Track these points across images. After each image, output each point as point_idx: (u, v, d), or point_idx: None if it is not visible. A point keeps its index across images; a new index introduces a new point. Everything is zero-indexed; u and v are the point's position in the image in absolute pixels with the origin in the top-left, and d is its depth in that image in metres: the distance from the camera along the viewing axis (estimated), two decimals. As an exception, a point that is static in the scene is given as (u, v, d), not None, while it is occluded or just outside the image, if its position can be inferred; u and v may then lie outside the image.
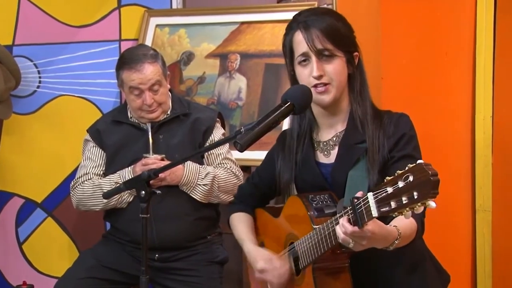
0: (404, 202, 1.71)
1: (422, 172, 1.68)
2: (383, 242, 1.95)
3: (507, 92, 3.19)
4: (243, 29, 4.22)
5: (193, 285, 3.37)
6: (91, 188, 3.43)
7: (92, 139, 3.53)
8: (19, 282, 3.83)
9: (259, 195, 2.50)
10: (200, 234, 3.48)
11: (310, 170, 2.30)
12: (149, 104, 3.36)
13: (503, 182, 3.22)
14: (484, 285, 3.27)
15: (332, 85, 2.22)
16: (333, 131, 2.31)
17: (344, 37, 2.24)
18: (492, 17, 3.22)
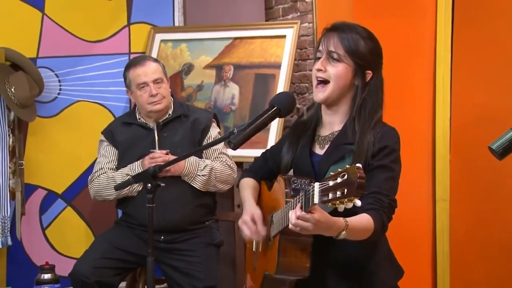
0: (338, 196, 1.74)
1: (353, 173, 1.72)
2: (328, 231, 1.94)
3: (463, 99, 3.19)
4: (236, 44, 4.24)
5: (193, 263, 3.40)
6: (105, 181, 3.49)
7: (106, 139, 3.59)
8: (42, 262, 3.82)
9: (267, 169, 2.47)
10: (200, 219, 3.51)
11: (303, 157, 2.28)
12: (154, 94, 3.45)
13: (459, 176, 3.21)
14: (443, 266, 3.25)
15: (329, 85, 2.19)
16: (331, 129, 2.28)
17: (360, 53, 2.19)
18: (450, 32, 3.21)
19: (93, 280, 3.32)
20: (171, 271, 3.41)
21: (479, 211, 3.10)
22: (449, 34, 3.20)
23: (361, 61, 2.20)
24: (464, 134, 3.17)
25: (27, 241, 4.13)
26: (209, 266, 3.42)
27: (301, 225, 1.91)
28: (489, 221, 3.04)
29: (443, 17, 3.21)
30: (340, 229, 1.95)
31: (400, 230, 2.45)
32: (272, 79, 4.04)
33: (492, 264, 2.98)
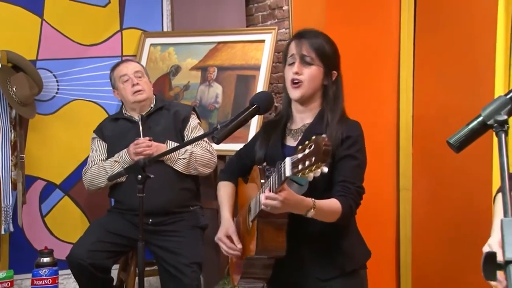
0: (307, 165, 1.75)
1: (319, 143, 1.74)
2: (296, 208, 1.99)
3: (424, 97, 3.21)
4: (219, 48, 4.24)
5: (179, 243, 3.41)
6: (96, 170, 3.54)
7: (97, 136, 3.64)
8: (41, 247, 3.82)
9: (242, 166, 2.46)
10: (184, 203, 3.52)
11: (276, 150, 2.28)
12: (135, 83, 3.50)
13: (420, 167, 3.24)
14: (405, 248, 3.28)
15: (303, 84, 2.22)
16: (302, 122, 2.30)
17: (326, 55, 2.24)
18: (412, 37, 3.23)
19: (88, 263, 3.32)
20: (160, 250, 3.41)
21: (437, 199, 3.13)
22: (411, 39, 3.23)
23: (329, 62, 2.25)
24: (425, 130, 3.20)
25: (28, 228, 4.11)
26: (194, 245, 3.43)
27: (270, 204, 1.94)
28: (446, 207, 3.08)
29: (406, 24, 3.24)
30: (308, 207, 1.99)
31: (367, 216, 2.47)
32: (252, 80, 4.04)
33: (449, 246, 3.02)
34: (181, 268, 3.32)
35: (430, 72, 3.16)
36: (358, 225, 2.35)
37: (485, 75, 2.65)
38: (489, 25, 2.61)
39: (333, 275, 2.23)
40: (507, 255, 1.06)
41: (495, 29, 2.57)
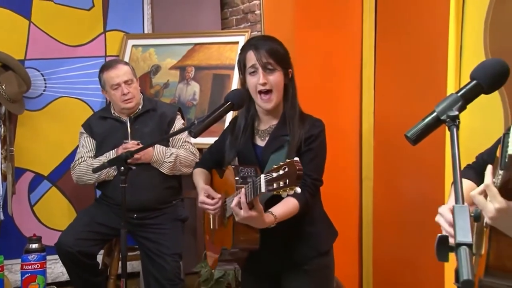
0: (281, 185, 1.80)
1: (292, 167, 1.78)
2: (260, 224, 2.05)
3: (384, 95, 3.23)
4: (197, 49, 4.22)
5: (162, 234, 3.40)
6: (85, 168, 3.48)
7: (85, 131, 3.57)
8: (30, 234, 3.78)
9: (214, 160, 2.47)
10: (167, 199, 3.51)
11: (247, 149, 2.29)
12: (126, 93, 3.42)
13: (380, 159, 3.26)
14: (367, 232, 3.30)
15: (273, 93, 2.20)
16: (269, 124, 2.29)
17: (282, 57, 2.23)
18: (373, 41, 3.25)
19: (76, 250, 3.31)
20: (144, 241, 3.41)
21: (396, 188, 3.16)
22: (372, 42, 3.25)
23: (285, 63, 2.24)
24: (385, 125, 3.22)
25: (17, 216, 4.10)
26: (176, 237, 3.43)
27: (237, 211, 1.99)
28: (404, 196, 3.10)
29: (368, 29, 3.25)
30: (270, 223, 2.05)
31: (334, 203, 2.49)
32: (227, 79, 4.04)
33: (406, 230, 3.04)
34: (163, 255, 3.33)
35: (389, 72, 3.18)
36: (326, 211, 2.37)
37: (438, 75, 2.67)
38: (442, 31, 2.64)
39: (311, 256, 2.26)
40: (458, 238, 1.08)
41: (447, 34, 2.60)
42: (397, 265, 3.11)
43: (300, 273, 2.25)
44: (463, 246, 1.07)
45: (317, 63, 3.24)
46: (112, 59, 3.65)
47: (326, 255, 2.30)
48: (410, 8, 2.98)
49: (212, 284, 3.64)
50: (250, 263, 2.28)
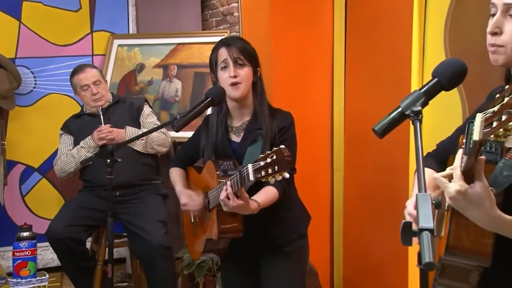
0: (269, 172, 1.82)
1: (281, 154, 1.80)
2: (246, 211, 2.06)
3: (353, 92, 3.25)
4: (179, 48, 4.21)
5: (143, 207, 3.40)
6: (66, 158, 3.52)
7: (64, 131, 3.60)
8: (21, 223, 3.71)
9: (188, 157, 2.47)
10: (146, 176, 3.52)
11: (224, 145, 2.28)
12: (95, 93, 3.47)
13: (350, 152, 3.28)
14: (338, 220, 3.32)
15: (242, 84, 2.21)
16: (242, 120, 2.29)
17: (251, 55, 2.25)
18: (343, 40, 3.26)
19: (65, 236, 3.27)
20: (127, 216, 3.38)
21: (365, 178, 3.18)
22: (342, 41, 3.26)
23: (254, 61, 2.26)
24: (354, 119, 3.24)
25: (9, 206, 4.09)
26: (157, 207, 3.42)
27: (226, 202, 2.00)
28: (372, 185, 3.12)
29: (338, 29, 3.26)
30: (254, 210, 2.06)
31: (307, 193, 2.50)
32: (208, 76, 4.01)
33: (373, 217, 3.07)
34: (147, 227, 3.28)
35: (358, 70, 3.20)
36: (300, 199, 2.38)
37: (403, 73, 2.69)
38: (406, 33, 2.66)
39: (291, 238, 2.28)
40: (421, 224, 1.09)
41: (411, 36, 2.62)
42: (366, 249, 3.13)
43: (279, 255, 2.26)
44: (425, 231, 1.08)
45: (292, 62, 3.25)
46: (80, 64, 3.65)
47: (304, 237, 2.33)
48: (377, 11, 3.00)
49: (194, 268, 3.63)
50: (231, 251, 2.29)
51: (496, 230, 1.22)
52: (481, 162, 1.17)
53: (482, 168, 1.17)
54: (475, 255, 1.28)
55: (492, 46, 1.35)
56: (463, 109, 2.40)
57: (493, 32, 1.34)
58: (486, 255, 1.27)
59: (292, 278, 2.29)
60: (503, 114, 1.05)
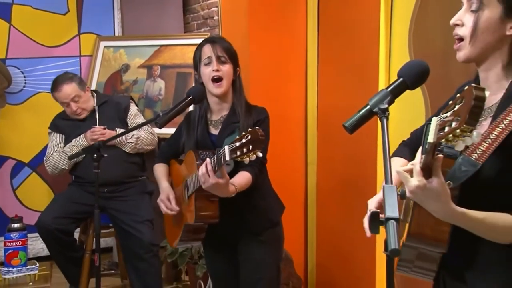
0: (244, 152, 1.80)
1: (255, 134, 1.80)
2: (225, 193, 2.04)
3: (326, 91, 3.25)
4: (162, 50, 4.18)
5: (132, 206, 3.36)
6: (58, 155, 3.42)
7: (52, 130, 3.51)
8: (13, 215, 3.72)
9: (173, 151, 2.45)
10: (133, 174, 3.47)
11: (204, 138, 2.27)
12: (74, 110, 3.38)
13: (323, 146, 3.28)
14: (312, 210, 3.33)
15: (224, 80, 2.20)
16: (220, 114, 2.28)
17: (233, 55, 2.25)
18: (316, 43, 3.26)
19: (54, 228, 3.23)
20: (115, 212, 3.35)
21: (336, 171, 3.19)
22: (315, 43, 3.26)
23: (235, 61, 2.26)
24: (326, 116, 3.25)
25: (1, 199, 4.07)
26: (144, 206, 3.39)
27: (204, 177, 1.97)
28: (342, 178, 3.14)
29: (311, 33, 3.26)
30: (232, 193, 2.05)
31: (282, 184, 2.50)
32: (189, 76, 4.01)
33: (344, 207, 3.08)
34: (137, 225, 3.27)
35: (330, 69, 3.20)
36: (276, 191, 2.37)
37: (371, 73, 2.71)
38: (374, 36, 2.67)
39: (265, 226, 2.27)
40: (387, 213, 1.09)
41: (379, 38, 2.64)
42: (337, 237, 3.15)
43: (255, 243, 2.26)
44: (391, 220, 1.08)
45: (268, 62, 3.24)
46: (58, 78, 3.41)
47: (277, 225, 2.32)
48: (347, 15, 3.01)
49: (177, 256, 3.61)
50: (210, 237, 2.28)
51: (449, 221, 1.24)
52: (438, 160, 1.18)
53: (439, 165, 1.18)
54: (433, 241, 1.30)
55: (456, 43, 1.36)
56: (426, 107, 2.42)
57: (454, 23, 1.36)
58: (443, 242, 1.29)
59: (267, 265, 2.28)
60: (453, 121, 1.07)
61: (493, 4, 1.29)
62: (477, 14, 1.30)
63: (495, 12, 1.29)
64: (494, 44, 1.31)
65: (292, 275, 3.14)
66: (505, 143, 1.25)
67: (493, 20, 1.29)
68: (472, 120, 1.03)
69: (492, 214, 1.22)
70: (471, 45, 1.32)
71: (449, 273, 1.40)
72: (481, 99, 1.04)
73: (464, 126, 1.04)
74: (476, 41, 1.31)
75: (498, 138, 1.25)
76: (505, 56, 1.32)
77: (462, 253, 1.33)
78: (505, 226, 1.21)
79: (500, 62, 1.33)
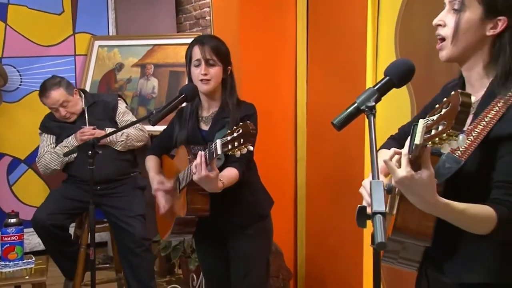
0: (235, 145, 1.79)
1: (247, 127, 1.78)
2: (214, 187, 2.02)
3: (315, 89, 3.26)
4: (155, 49, 4.18)
5: (125, 201, 3.34)
6: (50, 156, 3.38)
7: (43, 131, 3.46)
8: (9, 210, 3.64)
9: (165, 146, 2.44)
10: (125, 171, 3.43)
11: (195, 134, 2.27)
12: (63, 115, 3.32)
13: (312, 143, 3.29)
14: (301, 204, 3.34)
15: (211, 81, 2.20)
16: (211, 111, 2.28)
17: (223, 55, 2.23)
18: (305, 42, 3.25)
19: (49, 223, 3.21)
20: (109, 208, 3.33)
21: (325, 167, 3.19)
22: (305, 42, 3.25)
23: (225, 60, 2.25)
24: (315, 113, 3.25)
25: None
26: (137, 201, 3.37)
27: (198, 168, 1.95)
28: (331, 174, 3.14)
29: (301, 32, 3.26)
30: (219, 188, 2.03)
31: (273, 180, 2.50)
32: (182, 75, 4.00)
33: (333, 202, 3.09)
34: (129, 220, 3.26)
35: (319, 68, 3.20)
36: (266, 187, 2.37)
37: (358, 71, 2.71)
38: (361, 35, 2.67)
39: (254, 220, 2.27)
40: (374, 208, 1.09)
41: (366, 38, 2.64)
42: (326, 230, 3.15)
43: (244, 237, 2.26)
44: (378, 214, 1.09)
45: (259, 61, 3.24)
46: (45, 84, 3.32)
47: (265, 219, 2.32)
48: (335, 15, 3.01)
49: (170, 251, 3.61)
50: (201, 232, 2.27)
51: (433, 213, 1.24)
52: (427, 151, 1.18)
53: (429, 156, 1.18)
54: (418, 235, 1.30)
55: (438, 43, 1.36)
56: (411, 105, 2.43)
57: (436, 24, 1.36)
58: (428, 236, 1.30)
59: (256, 258, 2.29)
60: (439, 125, 1.07)
61: (474, 5, 1.30)
62: (459, 15, 1.31)
63: (476, 13, 1.30)
64: (475, 44, 1.32)
65: (282, 268, 3.14)
66: (486, 139, 1.26)
67: (474, 20, 1.30)
68: (458, 126, 1.03)
69: (472, 205, 1.23)
70: (452, 45, 1.33)
71: (431, 265, 1.41)
72: (467, 105, 1.04)
73: (451, 131, 1.04)
74: (458, 41, 1.32)
75: (480, 135, 1.26)
76: (486, 56, 1.32)
77: (443, 246, 1.34)
78: (484, 217, 1.22)
79: (481, 62, 1.33)
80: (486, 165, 1.27)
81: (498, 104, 1.26)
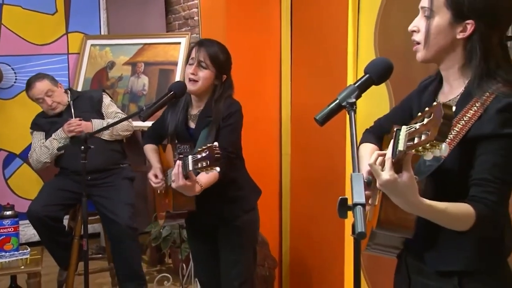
0: (204, 165, 1.81)
1: (212, 151, 1.80)
2: (191, 193, 2.04)
3: (299, 88, 3.26)
4: (146, 48, 4.15)
5: (113, 190, 3.32)
6: (39, 150, 3.37)
7: (34, 129, 3.45)
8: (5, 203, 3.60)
9: (158, 135, 2.44)
10: (115, 162, 3.42)
11: (183, 132, 2.26)
12: (50, 104, 3.31)
13: (296, 138, 3.29)
14: (286, 197, 3.33)
15: (198, 83, 2.18)
16: (198, 109, 2.27)
17: (218, 61, 2.20)
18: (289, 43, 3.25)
19: (43, 215, 3.19)
20: (98, 198, 3.31)
21: (309, 161, 3.19)
22: (289, 43, 3.25)
23: (220, 68, 2.22)
24: (299, 111, 3.25)
25: None
26: (125, 191, 3.35)
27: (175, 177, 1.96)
28: (314, 168, 3.14)
29: (285, 33, 3.25)
30: (198, 192, 2.04)
31: (258, 174, 2.49)
32: (171, 73, 3.98)
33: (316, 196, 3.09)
34: (115, 209, 3.23)
35: (303, 67, 3.20)
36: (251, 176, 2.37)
37: (340, 69, 2.71)
38: (342, 35, 2.67)
39: (240, 213, 2.27)
40: (354, 199, 1.10)
41: (347, 38, 2.64)
42: (309, 221, 3.16)
43: (231, 229, 2.26)
44: (358, 205, 1.09)
45: (245, 61, 3.22)
46: (30, 79, 3.35)
47: (252, 210, 2.32)
48: (318, 16, 3.00)
49: (161, 241, 3.59)
50: (192, 224, 2.28)
51: (415, 213, 1.25)
52: (409, 155, 1.18)
53: (410, 159, 1.18)
54: (400, 228, 1.31)
55: (414, 45, 1.38)
56: (390, 101, 2.44)
57: (411, 30, 1.38)
58: (410, 229, 1.31)
59: (244, 248, 2.29)
60: (422, 134, 1.06)
61: (442, 10, 1.30)
62: (429, 21, 1.32)
63: (445, 18, 1.30)
64: (447, 47, 1.32)
65: (267, 257, 3.14)
66: (465, 138, 1.26)
67: (443, 25, 1.31)
68: (441, 137, 1.03)
69: (452, 204, 1.23)
70: (425, 49, 1.34)
71: (411, 254, 1.42)
72: (449, 118, 1.04)
73: (434, 142, 1.03)
74: (430, 45, 1.33)
75: (459, 134, 1.26)
76: (460, 58, 1.33)
77: (424, 237, 1.35)
78: (463, 215, 1.22)
79: (456, 63, 1.34)
80: (464, 163, 1.27)
81: (476, 104, 1.27)
